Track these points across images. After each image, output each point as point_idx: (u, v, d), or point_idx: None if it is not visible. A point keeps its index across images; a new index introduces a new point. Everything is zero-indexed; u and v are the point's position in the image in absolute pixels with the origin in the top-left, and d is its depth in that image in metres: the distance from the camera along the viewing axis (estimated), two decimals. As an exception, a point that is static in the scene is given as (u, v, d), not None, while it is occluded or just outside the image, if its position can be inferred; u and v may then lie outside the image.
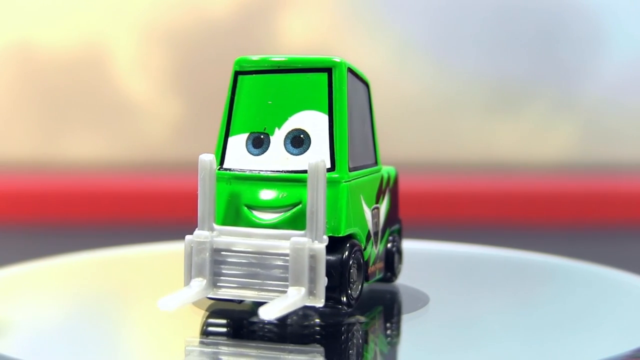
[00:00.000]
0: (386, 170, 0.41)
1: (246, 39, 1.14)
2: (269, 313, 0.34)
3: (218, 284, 0.36)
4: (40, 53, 1.14)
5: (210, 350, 0.36)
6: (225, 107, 0.38)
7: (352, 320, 0.39)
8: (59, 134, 1.15)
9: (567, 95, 1.16)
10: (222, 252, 0.36)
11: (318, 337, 0.37)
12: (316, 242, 0.35)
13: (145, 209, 1.02)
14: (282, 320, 0.37)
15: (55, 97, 1.15)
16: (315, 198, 0.35)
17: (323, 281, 0.35)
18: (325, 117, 0.37)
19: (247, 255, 0.36)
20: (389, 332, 0.39)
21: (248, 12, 1.15)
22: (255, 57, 0.38)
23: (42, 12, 1.14)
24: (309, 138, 0.37)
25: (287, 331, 0.37)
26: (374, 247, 0.39)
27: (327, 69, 0.37)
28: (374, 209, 0.39)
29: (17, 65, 1.15)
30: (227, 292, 0.36)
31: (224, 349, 0.36)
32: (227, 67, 0.40)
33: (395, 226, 0.43)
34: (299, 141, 0.37)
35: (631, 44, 1.14)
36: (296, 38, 1.15)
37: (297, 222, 0.36)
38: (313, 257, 0.35)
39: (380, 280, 0.42)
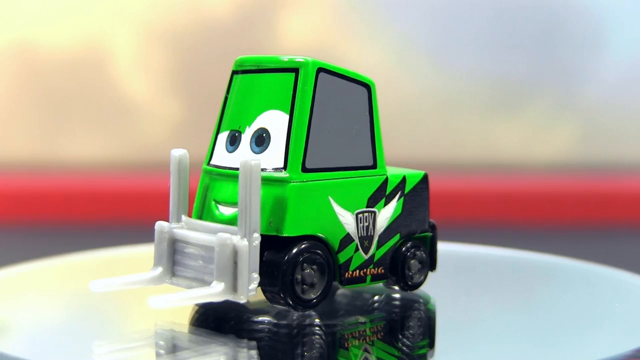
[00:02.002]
0: (400, 173, 0.40)
1: (246, 39, 1.14)
2: (157, 302, 0.35)
3: (176, 273, 0.38)
4: (41, 53, 1.14)
5: (169, 335, 0.38)
6: (221, 105, 0.40)
7: (351, 321, 0.39)
8: (59, 134, 1.15)
9: (567, 95, 1.16)
10: (177, 244, 0.38)
11: (293, 336, 0.37)
12: (245, 239, 0.35)
13: (145, 209, 1.02)
14: (279, 319, 0.38)
15: (55, 97, 1.15)
16: (245, 197, 0.35)
17: (246, 278, 0.35)
18: (287, 117, 0.37)
19: (192, 247, 0.37)
20: (386, 333, 0.38)
21: (248, 13, 1.15)
22: (246, 57, 0.40)
23: (42, 12, 1.14)
24: (270, 137, 0.38)
25: (268, 330, 0.38)
26: (360, 251, 0.39)
27: (295, 69, 0.38)
28: (362, 212, 0.39)
29: (17, 65, 1.15)
30: (179, 282, 0.38)
31: (177, 334, 0.38)
32: (227, 67, 0.40)
33: (418, 233, 0.41)
34: (261, 140, 0.38)
35: (631, 45, 1.14)
36: (296, 38, 1.15)
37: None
38: (236, 254, 0.35)
39: (388, 286, 0.41)
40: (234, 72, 0.40)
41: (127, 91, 1.15)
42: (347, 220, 0.38)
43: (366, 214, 0.39)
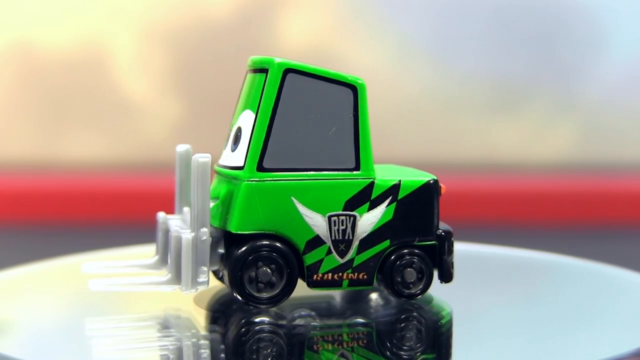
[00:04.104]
0: (395, 178, 0.39)
1: (246, 39, 1.14)
2: (96, 285, 0.38)
3: (167, 261, 0.40)
4: (41, 53, 1.14)
5: (161, 319, 0.40)
6: None
7: (350, 321, 0.39)
8: (59, 134, 1.15)
9: (567, 95, 1.16)
10: (168, 234, 0.40)
11: (280, 336, 0.37)
12: (193, 233, 0.37)
13: (145, 209, 1.02)
14: (278, 320, 0.38)
15: (55, 97, 1.15)
16: (194, 192, 0.37)
17: (189, 270, 0.37)
18: (254, 117, 0.38)
19: (169, 238, 0.39)
20: (374, 338, 0.38)
21: (248, 13, 1.15)
22: (253, 57, 0.41)
23: (42, 12, 1.14)
24: (241, 136, 0.39)
25: (248, 328, 0.38)
26: (334, 254, 0.38)
27: (265, 70, 0.38)
28: (337, 215, 0.38)
29: (17, 65, 1.15)
30: (166, 270, 0.40)
31: (171, 319, 0.40)
32: (227, 67, 0.41)
33: (417, 241, 0.39)
34: (236, 139, 0.39)
35: (631, 44, 1.14)
36: (296, 38, 1.15)
37: (214, 214, 0.38)
38: (182, 246, 0.37)
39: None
40: (247, 72, 0.41)
41: (127, 91, 1.15)
42: (316, 222, 0.38)
43: (342, 217, 0.38)
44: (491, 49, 1.15)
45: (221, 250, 0.38)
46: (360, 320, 0.39)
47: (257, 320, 0.38)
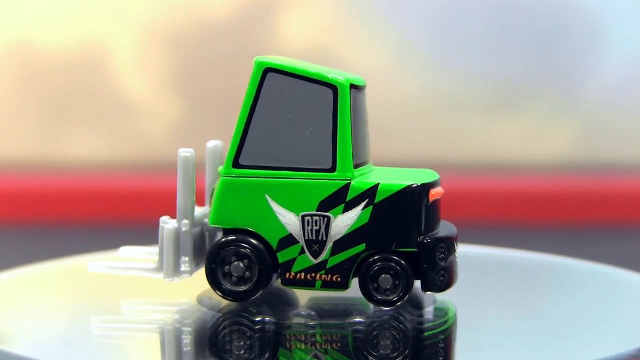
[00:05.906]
0: (375, 180, 0.38)
1: (246, 39, 1.14)
2: (94, 267, 0.41)
3: None
4: (41, 53, 1.14)
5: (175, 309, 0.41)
6: None
7: (349, 320, 0.39)
8: (59, 134, 1.15)
9: (568, 95, 1.16)
10: None
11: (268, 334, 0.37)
12: (176, 224, 0.39)
13: (145, 209, 1.02)
14: (278, 320, 0.38)
15: (55, 97, 1.15)
16: (179, 185, 0.39)
17: (170, 260, 0.39)
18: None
19: None
20: (351, 341, 0.38)
21: (248, 13, 1.15)
22: None
23: (42, 12, 1.14)
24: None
25: (239, 325, 0.39)
26: (307, 254, 0.38)
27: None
28: (310, 215, 0.38)
29: (17, 65, 1.15)
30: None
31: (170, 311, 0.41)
32: (227, 67, 0.41)
33: (396, 248, 0.38)
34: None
35: (631, 44, 1.14)
36: (296, 38, 1.15)
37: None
38: (164, 236, 0.39)
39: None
40: None
41: (127, 91, 1.15)
42: (289, 221, 0.38)
43: (316, 218, 0.38)
44: (491, 49, 1.15)
45: None
46: (360, 320, 0.39)
47: (257, 319, 0.38)
